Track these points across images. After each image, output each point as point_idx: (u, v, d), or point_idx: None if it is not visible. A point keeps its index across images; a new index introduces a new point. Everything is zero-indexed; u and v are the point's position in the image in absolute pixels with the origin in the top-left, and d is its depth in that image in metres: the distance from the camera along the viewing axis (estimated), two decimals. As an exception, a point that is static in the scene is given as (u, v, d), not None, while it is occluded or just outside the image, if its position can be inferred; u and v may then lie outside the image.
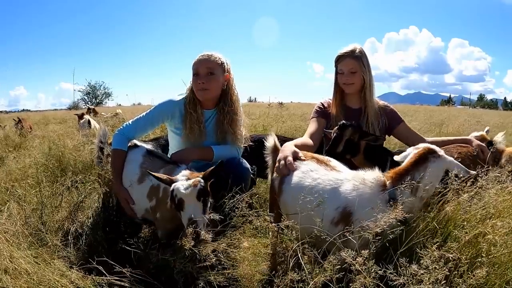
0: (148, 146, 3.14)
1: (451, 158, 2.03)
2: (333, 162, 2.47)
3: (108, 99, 61.96)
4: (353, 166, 2.60)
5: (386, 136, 3.43)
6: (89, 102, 57.09)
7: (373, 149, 2.94)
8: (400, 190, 1.98)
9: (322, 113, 3.39)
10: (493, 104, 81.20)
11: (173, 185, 2.35)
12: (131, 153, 2.98)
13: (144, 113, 3.13)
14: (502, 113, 29.06)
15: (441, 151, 2.07)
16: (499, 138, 3.50)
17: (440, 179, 2.01)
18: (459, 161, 2.09)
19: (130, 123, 3.09)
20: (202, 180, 2.36)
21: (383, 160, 2.81)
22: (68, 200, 3.32)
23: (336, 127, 2.93)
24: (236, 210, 2.32)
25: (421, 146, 2.14)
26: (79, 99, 56.40)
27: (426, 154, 2.07)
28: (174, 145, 3.23)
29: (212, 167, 2.44)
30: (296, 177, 2.36)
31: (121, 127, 3.07)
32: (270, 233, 2.19)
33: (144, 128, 3.13)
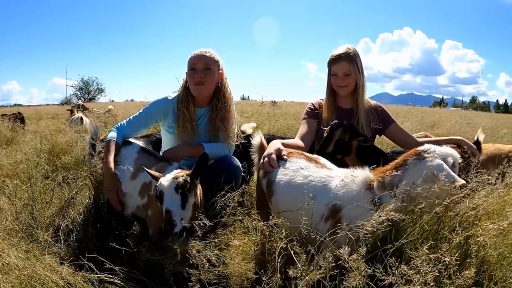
0: (140, 143, 3.15)
1: (439, 162, 1.96)
2: (322, 160, 2.49)
3: (101, 95, 61.82)
4: (345, 166, 2.63)
5: (378, 136, 3.45)
6: (81, 98, 56.81)
7: (366, 149, 2.95)
8: (382, 190, 1.99)
9: (313, 114, 3.40)
10: (485, 107, 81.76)
11: (159, 181, 2.36)
12: (126, 149, 2.98)
13: (137, 113, 3.14)
14: (493, 115, 29.29)
15: (429, 154, 2.00)
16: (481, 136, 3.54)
17: (433, 182, 1.89)
18: None
19: (124, 123, 3.10)
20: (184, 175, 2.34)
21: (375, 160, 2.83)
22: (59, 196, 3.31)
23: (328, 127, 2.95)
24: (227, 208, 2.32)
25: (420, 148, 2.09)
26: (71, 95, 56.16)
27: (408, 157, 2.05)
28: (167, 143, 3.23)
29: (196, 162, 2.42)
30: (286, 175, 2.38)
31: (116, 126, 3.08)
32: (259, 232, 2.20)
33: (138, 127, 3.15)
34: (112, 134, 2.98)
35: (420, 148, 2.06)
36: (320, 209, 2.12)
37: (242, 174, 3.00)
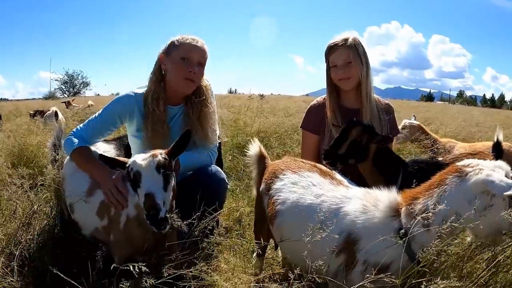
0: (106, 147, 2.68)
1: (488, 173, 1.46)
2: (338, 175, 2.03)
3: (86, 89, 60.38)
4: (356, 174, 2.23)
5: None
6: (66, 92, 55.63)
7: (383, 156, 2.46)
8: (412, 219, 1.55)
9: (313, 122, 3.01)
10: (472, 101, 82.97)
11: (128, 161, 1.97)
12: None
13: (96, 114, 2.64)
14: (484, 110, 29.49)
15: (473, 167, 1.53)
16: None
17: (482, 207, 1.45)
18: None
19: (82, 127, 2.60)
20: (163, 153, 1.94)
21: (394, 170, 2.37)
22: (23, 207, 2.72)
23: (344, 125, 2.49)
24: (209, 234, 1.89)
25: (459, 163, 1.62)
26: (56, 89, 54.96)
27: (446, 175, 1.59)
28: (136, 150, 2.73)
29: (177, 140, 2.01)
30: (295, 193, 1.92)
31: (72, 132, 2.58)
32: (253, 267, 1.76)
33: (98, 132, 2.63)
34: (70, 143, 2.48)
35: (459, 163, 1.60)
36: (332, 238, 1.66)
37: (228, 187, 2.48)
